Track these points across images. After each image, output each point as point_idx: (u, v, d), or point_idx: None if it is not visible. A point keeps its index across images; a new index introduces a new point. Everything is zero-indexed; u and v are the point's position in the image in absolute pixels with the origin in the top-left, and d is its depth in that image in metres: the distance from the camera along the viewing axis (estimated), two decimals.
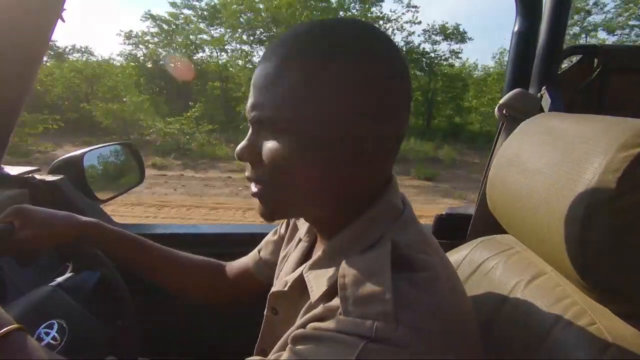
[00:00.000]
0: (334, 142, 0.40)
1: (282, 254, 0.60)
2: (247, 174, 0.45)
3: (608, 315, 0.43)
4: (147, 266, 0.69)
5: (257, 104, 0.42)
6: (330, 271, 0.42)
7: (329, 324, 0.35)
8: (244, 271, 0.71)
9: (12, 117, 0.81)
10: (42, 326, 0.53)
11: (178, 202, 5.95)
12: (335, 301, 0.37)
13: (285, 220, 0.65)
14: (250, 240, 0.74)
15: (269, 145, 0.42)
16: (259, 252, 0.70)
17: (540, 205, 0.47)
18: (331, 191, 0.43)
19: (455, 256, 0.67)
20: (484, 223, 0.88)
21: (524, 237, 0.55)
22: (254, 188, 0.45)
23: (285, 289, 0.49)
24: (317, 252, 0.46)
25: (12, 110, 0.80)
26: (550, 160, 0.48)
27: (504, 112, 0.85)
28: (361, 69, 0.40)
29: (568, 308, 0.45)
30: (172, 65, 12.89)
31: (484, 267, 0.61)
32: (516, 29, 0.87)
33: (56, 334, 0.54)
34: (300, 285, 0.46)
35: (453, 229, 0.97)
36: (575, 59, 0.89)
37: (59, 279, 0.63)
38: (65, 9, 0.70)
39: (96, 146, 1.02)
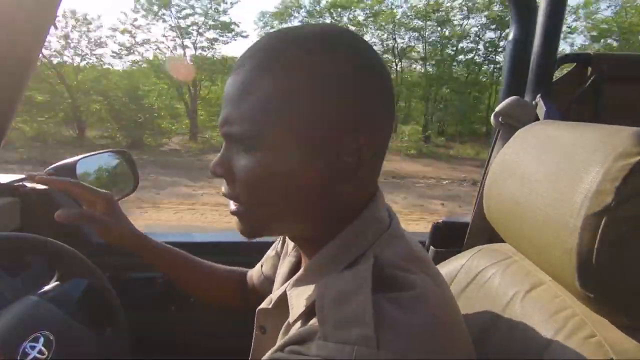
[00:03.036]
0: (312, 156, 0.37)
1: (278, 271, 0.59)
2: (223, 190, 0.43)
3: (608, 327, 0.42)
4: (186, 277, 0.71)
5: (228, 117, 0.39)
6: (311, 289, 0.41)
7: (308, 349, 0.33)
8: (252, 283, 0.71)
9: (3, 125, 0.80)
10: (28, 340, 0.52)
11: None
12: (315, 323, 0.35)
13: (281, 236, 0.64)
14: (254, 249, 0.73)
15: (242, 162, 0.39)
16: (261, 267, 0.69)
17: (537, 214, 0.47)
18: (311, 208, 0.40)
19: (451, 265, 0.66)
20: (481, 231, 0.87)
21: (521, 246, 0.55)
22: (232, 206, 0.43)
23: (270, 306, 0.47)
24: (301, 269, 0.45)
25: (4, 117, 0.79)
26: (548, 168, 0.47)
27: (499, 119, 0.85)
28: (341, 77, 0.37)
29: (567, 319, 0.45)
30: None
31: (481, 276, 0.60)
32: (511, 37, 0.87)
33: (42, 348, 0.52)
34: (284, 303, 0.44)
35: (450, 238, 0.96)
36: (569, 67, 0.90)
37: (44, 289, 0.62)
38: (58, 16, 0.70)
39: (90, 153, 1.01)
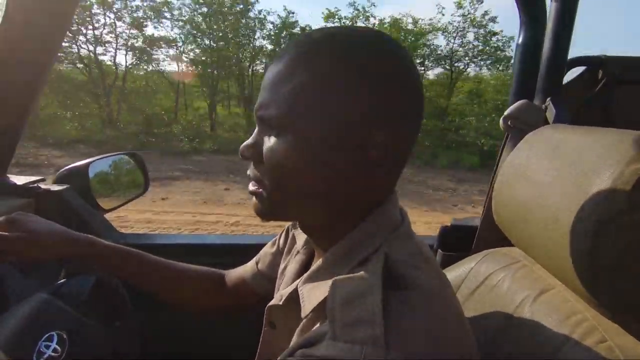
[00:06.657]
0: (338, 146, 0.40)
1: (281, 267, 0.59)
2: (248, 172, 0.45)
3: (619, 332, 0.42)
4: (143, 279, 0.68)
5: (263, 102, 0.42)
6: (324, 285, 0.41)
7: (318, 350, 0.34)
8: (242, 281, 0.70)
9: (18, 127, 0.82)
10: (42, 339, 0.53)
11: None
12: (325, 323, 0.36)
13: (285, 232, 0.65)
14: (254, 251, 0.73)
15: (270, 144, 0.41)
16: (257, 264, 0.69)
17: (548, 219, 0.46)
18: (330, 197, 0.42)
19: (460, 269, 0.66)
20: (489, 235, 0.87)
21: (531, 250, 0.54)
22: (251, 186, 0.45)
23: (281, 303, 0.48)
24: (314, 265, 0.45)
25: (19, 120, 0.81)
26: (558, 173, 0.47)
27: (508, 123, 0.85)
28: (380, 75, 0.39)
29: (578, 325, 0.44)
30: None
31: (489, 280, 0.60)
32: (520, 40, 0.87)
33: (57, 346, 0.53)
34: (295, 299, 0.45)
35: (458, 241, 0.96)
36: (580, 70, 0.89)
37: (53, 286, 0.63)
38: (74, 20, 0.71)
39: (101, 156, 1.03)
